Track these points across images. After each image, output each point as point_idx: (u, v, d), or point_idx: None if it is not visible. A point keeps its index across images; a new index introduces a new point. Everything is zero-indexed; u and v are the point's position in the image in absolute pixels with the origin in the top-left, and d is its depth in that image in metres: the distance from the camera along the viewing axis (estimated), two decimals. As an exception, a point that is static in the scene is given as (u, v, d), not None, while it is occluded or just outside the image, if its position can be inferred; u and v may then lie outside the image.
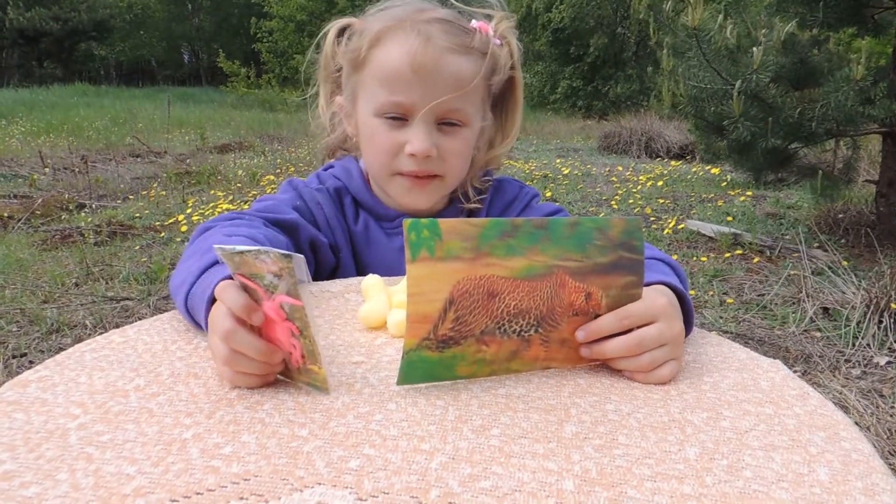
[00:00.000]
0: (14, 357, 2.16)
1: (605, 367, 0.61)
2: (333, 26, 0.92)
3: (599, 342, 0.59)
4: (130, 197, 5.30)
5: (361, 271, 0.92)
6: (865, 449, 0.49)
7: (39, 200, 4.66)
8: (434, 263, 0.51)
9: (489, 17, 0.89)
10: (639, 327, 0.59)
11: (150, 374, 0.57)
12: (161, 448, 0.45)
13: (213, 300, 0.60)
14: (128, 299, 2.70)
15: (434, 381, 0.55)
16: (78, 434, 0.47)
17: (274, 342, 0.53)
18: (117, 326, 0.69)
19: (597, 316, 0.59)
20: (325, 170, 0.98)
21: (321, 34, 0.93)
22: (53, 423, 0.48)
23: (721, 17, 3.10)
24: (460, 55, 0.83)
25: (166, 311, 0.73)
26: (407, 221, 0.50)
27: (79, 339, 2.28)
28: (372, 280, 0.71)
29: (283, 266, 0.49)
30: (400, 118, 0.84)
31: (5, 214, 4.28)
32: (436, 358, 0.54)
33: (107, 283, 2.95)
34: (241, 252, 0.50)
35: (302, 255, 0.48)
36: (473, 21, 0.88)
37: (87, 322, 2.44)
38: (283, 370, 0.56)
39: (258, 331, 0.54)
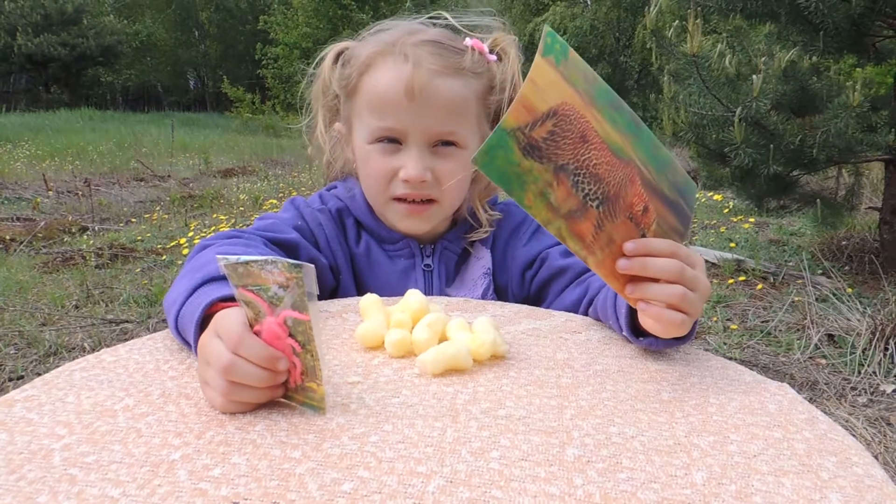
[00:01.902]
0: (10, 380, 2.14)
1: (606, 387, 0.59)
2: (331, 51, 0.91)
3: (643, 257, 0.59)
4: (133, 220, 5.31)
5: (362, 293, 0.90)
6: (878, 474, 0.47)
7: (42, 223, 4.67)
8: (556, 72, 0.52)
9: (486, 35, 0.88)
10: None
11: (140, 393, 0.55)
12: (148, 470, 0.43)
13: (201, 322, 0.58)
14: (127, 322, 2.68)
15: (500, 183, 0.53)
16: (62, 455, 0.45)
17: None
18: (112, 347, 0.68)
19: (643, 235, 0.59)
20: (328, 190, 0.97)
21: (318, 58, 0.92)
22: (37, 444, 0.47)
23: (720, 45, 3.12)
24: (450, 77, 0.82)
25: (163, 332, 0.72)
26: (548, 28, 0.51)
27: (76, 362, 2.26)
28: (370, 299, 0.69)
29: (291, 276, 0.47)
30: (394, 141, 0.84)
31: (8, 237, 4.28)
32: (516, 158, 0.52)
33: (106, 305, 2.94)
34: (247, 262, 0.48)
35: (312, 266, 0.47)
36: (467, 40, 0.87)
37: (86, 345, 2.42)
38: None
39: None
